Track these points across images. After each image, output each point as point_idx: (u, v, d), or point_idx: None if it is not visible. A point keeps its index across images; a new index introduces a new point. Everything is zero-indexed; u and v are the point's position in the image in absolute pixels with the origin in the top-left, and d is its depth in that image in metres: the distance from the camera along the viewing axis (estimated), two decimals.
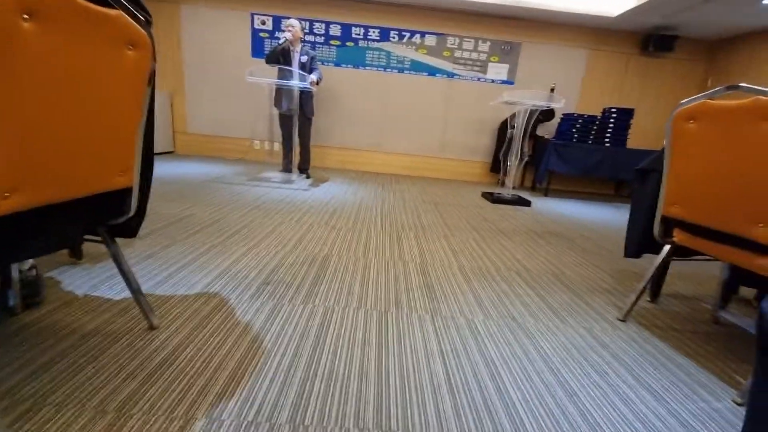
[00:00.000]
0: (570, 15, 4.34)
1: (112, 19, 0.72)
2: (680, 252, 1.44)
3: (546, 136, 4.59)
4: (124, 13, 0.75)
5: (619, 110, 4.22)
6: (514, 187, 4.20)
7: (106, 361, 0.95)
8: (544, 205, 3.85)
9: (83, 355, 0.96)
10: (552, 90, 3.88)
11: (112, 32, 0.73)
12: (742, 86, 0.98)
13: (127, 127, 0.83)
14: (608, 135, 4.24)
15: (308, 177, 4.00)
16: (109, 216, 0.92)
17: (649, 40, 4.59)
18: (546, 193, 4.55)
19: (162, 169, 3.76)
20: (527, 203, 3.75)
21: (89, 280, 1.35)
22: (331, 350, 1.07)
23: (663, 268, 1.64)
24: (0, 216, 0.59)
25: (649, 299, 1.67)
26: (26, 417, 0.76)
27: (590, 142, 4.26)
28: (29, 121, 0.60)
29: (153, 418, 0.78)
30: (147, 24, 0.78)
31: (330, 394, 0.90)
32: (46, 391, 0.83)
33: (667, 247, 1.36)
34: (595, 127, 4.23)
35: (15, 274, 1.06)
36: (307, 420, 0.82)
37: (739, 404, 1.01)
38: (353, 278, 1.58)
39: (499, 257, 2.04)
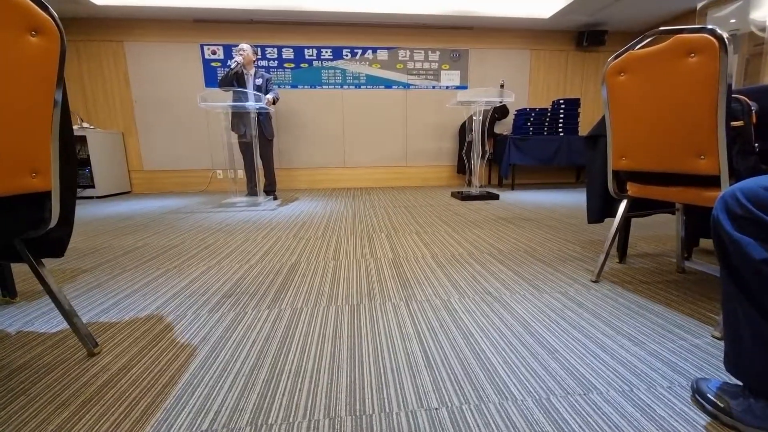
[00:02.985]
0: (508, 20, 4.63)
1: (9, 2, 0.67)
2: (638, 206, 1.48)
3: (504, 133, 4.77)
4: None
5: (567, 101, 4.46)
6: (482, 185, 4.28)
7: (37, 392, 0.82)
8: (511, 197, 3.93)
9: (12, 390, 0.83)
10: (502, 86, 4.06)
11: (9, 16, 0.67)
12: (662, 29, 1.04)
13: (35, 122, 0.75)
14: (561, 125, 4.46)
15: (275, 198, 3.91)
16: (26, 226, 0.82)
17: (582, 36, 4.96)
18: (512, 187, 4.67)
19: (115, 208, 3.56)
20: (496, 197, 3.82)
21: (23, 317, 1.20)
22: (298, 348, 0.99)
23: (625, 225, 1.67)
24: None
25: (618, 261, 1.69)
26: None
27: (545, 133, 4.46)
28: None
29: None
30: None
31: (297, 390, 0.82)
32: None
33: (624, 203, 1.40)
34: (547, 119, 4.45)
35: None
36: (271, 419, 0.73)
37: (718, 338, 1.01)
38: (323, 279, 1.51)
39: (471, 244, 2.03)
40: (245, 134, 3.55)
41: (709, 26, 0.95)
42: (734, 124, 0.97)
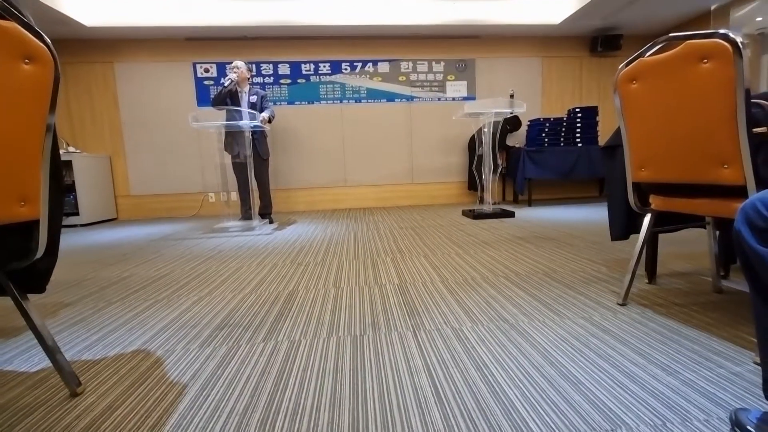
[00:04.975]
0: (516, 27, 4.80)
1: (2, 31, 0.74)
2: (664, 220, 1.49)
3: (517, 145, 4.84)
4: (18, 26, 0.76)
5: (583, 109, 4.55)
6: (495, 202, 4.31)
7: None
8: (528, 214, 3.94)
9: None
10: (511, 96, 4.15)
11: (2, 44, 0.74)
12: (671, 36, 1.09)
13: (26, 149, 0.81)
14: (578, 134, 4.52)
15: (271, 222, 3.97)
16: (12, 257, 0.86)
17: (597, 41, 5.11)
18: (529, 203, 4.69)
19: (99, 237, 3.64)
20: (511, 214, 3.83)
21: (1, 355, 1.23)
22: (296, 384, 1.00)
23: (651, 242, 1.68)
24: None
25: (647, 281, 1.68)
26: None
27: (562, 143, 4.51)
28: None
29: None
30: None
31: (295, 431, 0.82)
32: None
33: (648, 217, 1.41)
34: (563, 129, 4.52)
35: None
36: None
37: (759, 364, 0.99)
38: (323, 308, 1.52)
39: (484, 266, 2.03)
40: (239, 154, 3.65)
41: (722, 30, 0.99)
42: (757, 130, 1.00)
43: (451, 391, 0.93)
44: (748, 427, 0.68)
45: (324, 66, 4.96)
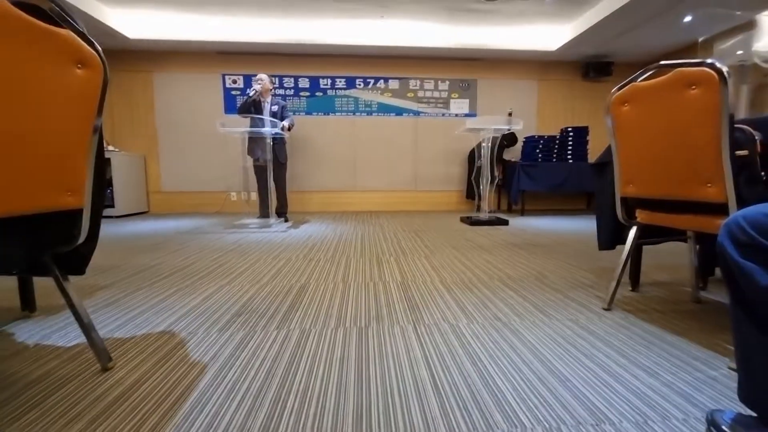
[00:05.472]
0: (516, 52, 4.80)
1: (59, 37, 0.75)
2: (648, 233, 1.48)
3: (513, 159, 4.82)
4: (73, 33, 0.78)
5: (575, 129, 4.52)
6: (491, 211, 4.29)
7: (50, 405, 0.84)
8: (521, 223, 3.92)
9: (26, 402, 0.85)
10: (509, 114, 4.15)
11: (58, 50, 0.75)
12: (662, 63, 1.09)
13: (74, 145, 0.82)
14: (569, 152, 4.49)
15: (287, 221, 3.98)
16: (58, 241, 0.87)
17: (589, 67, 5.09)
18: (522, 212, 4.66)
19: (132, 227, 3.67)
20: (505, 222, 3.81)
21: (41, 330, 1.24)
22: (306, 369, 0.99)
23: (636, 252, 1.66)
24: None
25: (630, 289, 1.66)
26: None
27: (554, 159, 4.49)
28: None
29: None
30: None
31: (304, 412, 0.82)
32: None
33: (633, 229, 1.39)
34: (556, 146, 4.50)
35: None
36: None
37: (734, 370, 0.97)
38: (332, 301, 1.52)
39: (480, 269, 2.02)
40: (260, 158, 3.67)
41: (709, 60, 0.98)
42: (739, 153, 0.99)
43: (447, 382, 0.92)
44: (723, 427, 0.67)
45: (340, 81, 4.99)
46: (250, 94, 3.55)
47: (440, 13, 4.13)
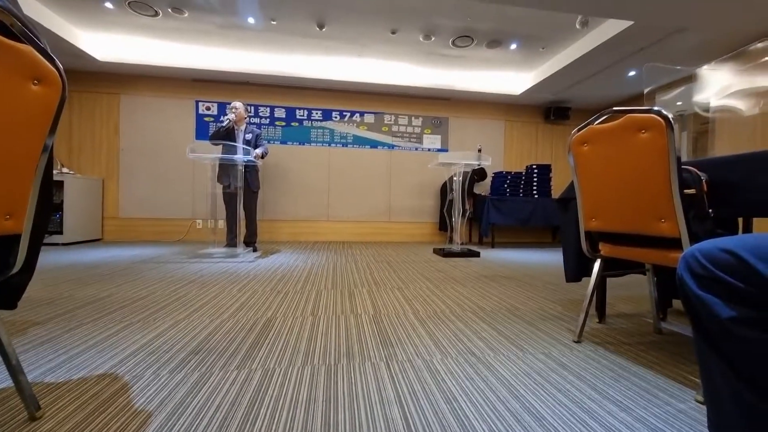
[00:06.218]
0: (483, 94, 5.14)
1: (17, 52, 0.71)
2: (612, 266, 1.54)
3: (483, 194, 5.01)
4: (33, 49, 0.73)
5: (539, 167, 4.81)
6: (463, 243, 4.36)
7: None
8: (492, 255, 4.00)
9: None
10: (479, 150, 4.36)
11: (14, 64, 0.71)
12: (615, 109, 1.19)
13: (21, 165, 0.75)
14: (535, 188, 4.74)
15: (255, 250, 3.83)
16: None
17: (550, 111, 5.52)
18: (492, 245, 4.78)
19: (82, 256, 3.39)
20: (476, 254, 3.88)
21: None
22: (267, 414, 0.91)
23: (601, 285, 1.71)
24: None
25: (597, 320, 1.70)
26: None
27: (521, 195, 4.71)
28: None
29: None
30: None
31: None
32: None
33: (598, 262, 1.45)
34: (522, 182, 4.73)
35: None
36: None
37: (701, 402, 0.99)
38: (299, 336, 1.43)
39: (453, 301, 2.01)
40: (230, 185, 3.58)
41: (656, 108, 1.09)
42: (687, 191, 1.07)
43: (421, 424, 0.87)
44: None
45: (316, 113, 5.08)
46: (224, 124, 3.51)
47: (415, 55, 4.39)
